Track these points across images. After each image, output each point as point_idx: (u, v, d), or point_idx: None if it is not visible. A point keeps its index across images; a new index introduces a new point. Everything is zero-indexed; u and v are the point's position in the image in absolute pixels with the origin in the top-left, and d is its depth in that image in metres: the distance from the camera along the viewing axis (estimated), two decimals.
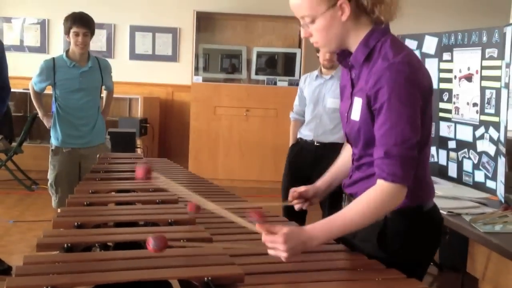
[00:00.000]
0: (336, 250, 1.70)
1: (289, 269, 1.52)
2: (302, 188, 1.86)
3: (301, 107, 4.03)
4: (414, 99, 1.52)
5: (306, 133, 3.92)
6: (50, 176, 3.96)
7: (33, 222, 4.93)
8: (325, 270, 1.54)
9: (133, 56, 7.21)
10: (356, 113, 1.62)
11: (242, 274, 1.40)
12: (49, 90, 4.05)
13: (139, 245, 1.68)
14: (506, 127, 3.04)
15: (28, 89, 4.13)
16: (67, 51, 3.93)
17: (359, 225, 1.53)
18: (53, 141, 3.96)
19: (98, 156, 3.14)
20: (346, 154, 1.92)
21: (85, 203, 2.03)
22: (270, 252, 1.49)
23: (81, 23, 3.78)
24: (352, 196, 1.76)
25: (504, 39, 3.07)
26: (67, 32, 3.83)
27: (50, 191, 3.98)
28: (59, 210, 3.95)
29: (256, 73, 7.07)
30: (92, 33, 3.89)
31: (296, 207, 1.87)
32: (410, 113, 1.51)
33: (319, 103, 3.85)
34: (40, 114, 4.10)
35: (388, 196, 1.51)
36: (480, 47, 3.31)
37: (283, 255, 1.46)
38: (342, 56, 1.72)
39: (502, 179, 3.02)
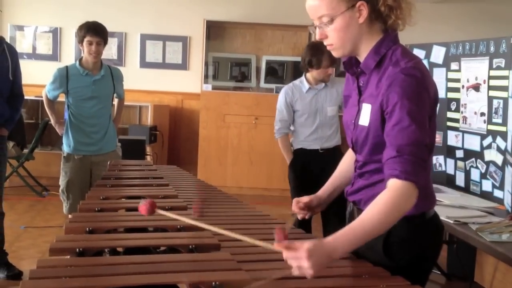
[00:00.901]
0: (341, 257, 1.72)
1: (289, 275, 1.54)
2: (306, 199, 1.88)
3: (290, 120, 3.95)
4: (424, 103, 1.55)
5: (309, 143, 3.93)
6: (62, 182, 4.00)
7: (44, 228, 4.98)
8: (330, 277, 1.56)
9: (144, 64, 7.28)
10: (365, 119, 1.65)
11: (248, 279, 1.42)
12: (61, 98, 4.11)
13: (149, 250, 1.72)
14: None
15: (40, 97, 4.20)
16: (80, 60, 3.99)
17: (380, 229, 1.50)
18: (65, 148, 4.01)
19: (109, 163, 3.18)
20: (346, 162, 1.95)
21: (96, 209, 2.07)
22: (295, 272, 1.41)
23: (95, 32, 3.84)
24: (355, 204, 1.79)
25: (511, 49, 3.10)
26: (80, 41, 3.89)
27: (62, 197, 4.02)
28: (70, 216, 4.01)
29: (265, 82, 7.12)
30: (105, 42, 3.95)
31: (300, 216, 1.89)
32: (421, 116, 1.54)
33: (318, 113, 3.87)
34: (52, 121, 4.16)
35: (402, 195, 1.49)
36: (488, 57, 3.34)
37: (309, 272, 1.39)
38: (349, 64, 1.75)
39: (509, 189, 3.04)
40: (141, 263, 1.53)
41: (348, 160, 1.94)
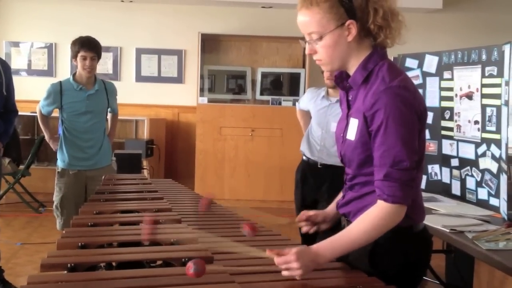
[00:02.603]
0: (336, 267, 1.72)
1: (289, 286, 1.54)
2: (311, 212, 1.89)
3: (304, 108, 4.22)
4: (410, 121, 1.57)
5: (309, 154, 3.96)
6: (56, 198, 3.99)
7: (41, 244, 4.96)
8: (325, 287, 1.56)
9: (139, 78, 7.30)
10: (352, 133, 1.66)
11: None
12: (55, 113, 4.11)
13: (142, 264, 1.71)
14: (507, 145, 3.06)
15: (35, 112, 4.19)
16: (74, 75, 3.99)
17: (363, 242, 1.59)
18: (60, 163, 4.01)
19: (103, 177, 3.17)
20: None
21: (89, 223, 2.07)
22: (284, 273, 1.54)
23: (89, 47, 3.85)
24: (345, 216, 1.79)
25: (503, 57, 3.10)
26: (74, 56, 3.90)
27: (55, 213, 4.01)
28: (64, 232, 3.99)
29: (261, 94, 7.14)
30: (99, 57, 3.96)
31: (303, 230, 1.90)
32: (406, 135, 1.55)
33: (323, 127, 3.90)
34: (46, 137, 4.15)
35: (389, 215, 1.57)
36: (480, 65, 3.34)
37: (298, 272, 1.52)
38: (339, 78, 1.77)
39: (505, 197, 3.03)
40: (134, 277, 1.52)
41: None
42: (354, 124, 1.65)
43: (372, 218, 1.58)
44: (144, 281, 1.50)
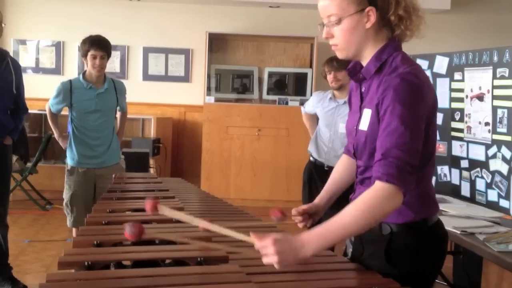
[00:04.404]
0: (351, 268, 1.71)
1: (303, 286, 1.54)
2: (304, 207, 1.88)
3: (310, 111, 4.24)
4: (417, 107, 1.55)
5: (316, 156, 3.97)
6: (66, 195, 4.00)
7: (48, 241, 4.97)
8: None
9: (146, 77, 7.31)
10: (364, 124, 1.66)
11: None
12: (64, 112, 4.12)
13: (157, 263, 1.72)
14: None
15: (43, 110, 4.20)
16: (83, 73, 4.00)
17: (355, 229, 1.52)
18: (69, 161, 4.01)
19: (114, 176, 3.18)
20: (340, 169, 1.96)
21: (103, 222, 2.07)
22: (264, 260, 1.49)
23: (99, 46, 3.86)
24: None
25: None
26: (84, 55, 3.91)
27: (66, 210, 4.02)
28: (73, 231, 3.99)
29: (268, 93, 7.13)
30: (109, 56, 3.97)
31: (300, 225, 1.88)
32: (411, 119, 1.53)
33: (331, 128, 3.90)
34: (55, 135, 4.16)
35: (382, 196, 1.49)
36: (491, 67, 3.34)
37: (273, 259, 1.46)
38: (353, 70, 1.77)
39: None
40: (150, 276, 1.52)
41: (341, 168, 1.96)
42: (367, 115, 1.65)
43: (365, 201, 1.50)
44: (159, 280, 1.50)
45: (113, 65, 7.13)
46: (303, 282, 1.57)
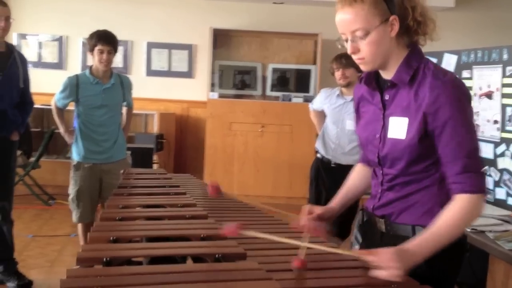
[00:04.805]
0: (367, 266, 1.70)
1: (321, 285, 1.53)
2: (319, 210, 1.86)
3: (318, 108, 4.24)
4: (471, 112, 1.63)
5: (323, 152, 3.97)
6: (72, 191, 3.99)
7: (52, 237, 4.97)
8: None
9: (150, 72, 7.28)
10: (400, 132, 1.66)
11: None
12: (70, 106, 4.10)
13: (174, 259, 1.71)
14: None
15: (45, 105, 4.20)
16: (90, 68, 3.99)
17: (451, 238, 1.59)
18: (75, 157, 4.00)
19: (122, 172, 3.17)
20: (359, 176, 1.96)
21: (117, 218, 2.06)
22: (381, 273, 1.51)
23: (106, 41, 3.85)
24: (384, 218, 1.77)
25: None
26: (91, 50, 3.89)
27: (71, 206, 4.01)
28: (79, 226, 3.98)
29: (271, 90, 7.12)
30: (116, 51, 3.96)
31: (305, 230, 1.82)
32: (471, 125, 1.62)
33: (338, 125, 3.90)
34: (61, 131, 4.14)
35: (475, 207, 1.60)
36: (501, 65, 3.33)
37: (397, 273, 1.49)
38: (368, 79, 1.77)
39: None
40: (170, 273, 1.52)
41: (357, 176, 1.97)
42: (402, 123, 1.65)
43: (459, 212, 1.58)
44: (179, 277, 1.50)
45: (116, 60, 7.03)
46: (322, 279, 1.56)
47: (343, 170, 3.69)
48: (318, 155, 4.05)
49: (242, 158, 6.76)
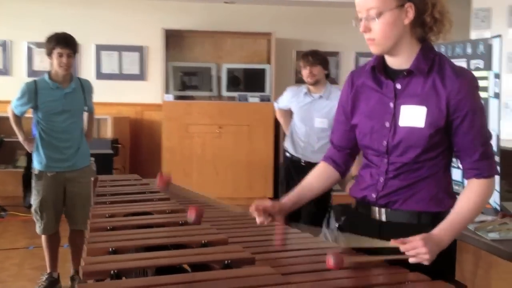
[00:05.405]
0: (381, 264, 1.69)
1: (340, 285, 1.51)
2: (268, 203, 1.84)
3: (284, 107, 4.21)
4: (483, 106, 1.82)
5: (293, 151, 3.95)
6: (34, 202, 3.81)
7: (10, 250, 4.74)
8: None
9: (100, 75, 7.08)
10: (417, 120, 1.70)
11: None
12: (28, 114, 3.92)
13: (182, 268, 1.65)
14: (498, 137, 3.13)
15: None
16: (49, 73, 3.82)
17: (472, 221, 1.80)
18: (36, 166, 3.82)
19: (92, 179, 3.04)
20: (315, 175, 1.98)
21: (108, 227, 1.97)
22: (412, 260, 1.59)
23: (65, 43, 3.70)
24: (387, 206, 1.78)
25: (490, 50, 3.18)
26: (49, 53, 3.73)
27: (35, 217, 3.83)
28: (43, 237, 3.80)
29: (227, 90, 7.07)
30: (75, 53, 3.81)
31: (258, 220, 1.83)
32: (486, 116, 1.80)
33: (306, 123, 3.89)
34: (20, 139, 3.95)
35: (490, 189, 1.74)
36: (465, 59, 3.41)
37: (426, 257, 1.58)
38: (379, 67, 1.78)
39: (497, 188, 3.10)
40: (183, 283, 1.45)
41: (316, 174, 1.98)
42: (418, 112, 1.70)
43: (479, 196, 1.70)
44: (190, 286, 1.44)
45: None
46: (336, 280, 1.54)
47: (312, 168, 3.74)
48: (287, 154, 4.04)
49: (200, 160, 6.67)
